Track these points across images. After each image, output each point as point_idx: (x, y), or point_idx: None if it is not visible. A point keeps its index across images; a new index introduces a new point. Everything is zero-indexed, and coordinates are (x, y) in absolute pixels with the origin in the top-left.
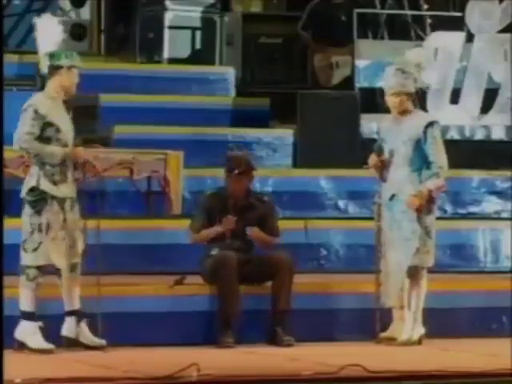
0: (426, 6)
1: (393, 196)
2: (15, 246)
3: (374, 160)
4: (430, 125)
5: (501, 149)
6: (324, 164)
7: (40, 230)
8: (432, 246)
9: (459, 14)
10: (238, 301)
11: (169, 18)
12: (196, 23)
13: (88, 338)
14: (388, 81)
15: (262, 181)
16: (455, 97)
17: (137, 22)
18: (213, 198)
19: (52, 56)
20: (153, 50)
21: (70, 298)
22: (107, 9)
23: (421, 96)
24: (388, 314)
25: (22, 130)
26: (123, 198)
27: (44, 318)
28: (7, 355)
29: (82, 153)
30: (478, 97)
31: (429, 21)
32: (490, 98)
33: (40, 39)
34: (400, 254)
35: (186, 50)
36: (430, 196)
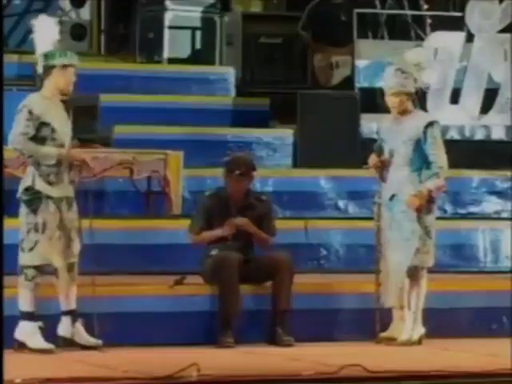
0: (426, 6)
1: (393, 196)
2: (15, 246)
3: (374, 160)
4: (430, 125)
5: (501, 149)
6: (324, 164)
7: (36, 230)
8: (432, 246)
9: (459, 14)
10: (238, 301)
11: (169, 18)
12: (196, 23)
13: (84, 338)
14: (388, 81)
15: (262, 181)
16: (455, 97)
17: (137, 22)
18: (212, 198)
19: (45, 56)
20: (153, 50)
21: (66, 298)
22: (107, 9)
23: (421, 96)
24: (388, 314)
25: (16, 131)
26: (123, 198)
27: (43, 317)
28: (7, 355)
29: (77, 154)
30: (478, 97)
31: (429, 21)
32: (490, 98)
33: (37, 40)
34: (400, 254)
35: (186, 50)
36: (430, 196)
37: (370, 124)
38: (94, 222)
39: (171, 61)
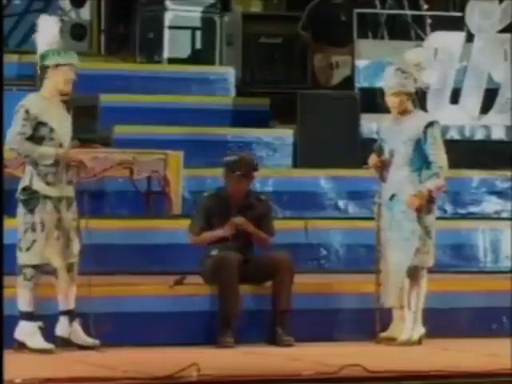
0: (426, 6)
1: (393, 196)
2: (15, 246)
3: (374, 160)
4: (430, 125)
5: (501, 149)
6: (324, 164)
7: (33, 229)
8: (432, 246)
9: (459, 14)
10: (237, 301)
11: (169, 18)
12: (196, 23)
13: (81, 338)
14: (388, 81)
15: (262, 181)
16: (455, 97)
17: (137, 22)
18: (212, 198)
19: (41, 56)
20: (153, 50)
21: (65, 298)
22: (107, 9)
23: (421, 96)
24: (388, 314)
25: (13, 131)
26: (123, 198)
27: (43, 317)
28: (7, 355)
29: (74, 155)
30: (478, 97)
31: (429, 21)
32: (489, 98)
33: (38, 39)
34: (400, 254)
35: (186, 50)
36: (430, 196)
37: (370, 124)
38: (94, 222)
39: (171, 61)
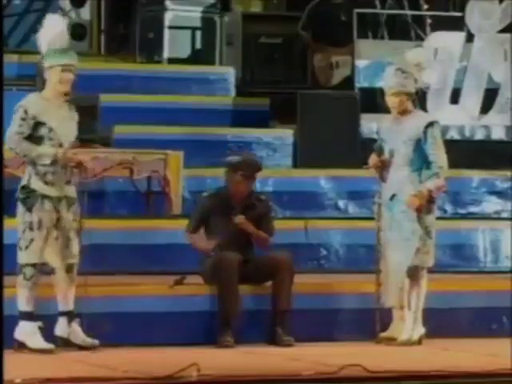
0: (426, 6)
1: (393, 196)
2: (15, 246)
3: (374, 160)
4: (430, 125)
5: (501, 149)
6: (324, 164)
7: (31, 228)
8: (432, 246)
9: (459, 14)
10: (237, 301)
11: (169, 18)
12: (196, 23)
13: (80, 338)
14: (388, 81)
15: (262, 181)
16: (455, 97)
17: (137, 22)
18: (213, 198)
19: (43, 57)
20: (153, 50)
21: (64, 299)
22: (107, 9)
23: (421, 96)
24: (388, 314)
25: (12, 130)
26: (123, 198)
27: (43, 317)
28: (7, 355)
29: (73, 156)
30: (478, 97)
31: (429, 21)
32: (490, 98)
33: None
34: (400, 254)
35: (186, 50)
36: (430, 196)
37: (370, 124)
38: (94, 222)
39: (171, 61)
